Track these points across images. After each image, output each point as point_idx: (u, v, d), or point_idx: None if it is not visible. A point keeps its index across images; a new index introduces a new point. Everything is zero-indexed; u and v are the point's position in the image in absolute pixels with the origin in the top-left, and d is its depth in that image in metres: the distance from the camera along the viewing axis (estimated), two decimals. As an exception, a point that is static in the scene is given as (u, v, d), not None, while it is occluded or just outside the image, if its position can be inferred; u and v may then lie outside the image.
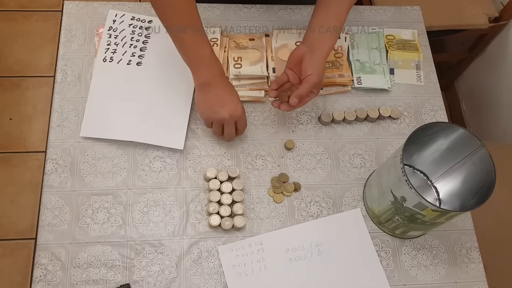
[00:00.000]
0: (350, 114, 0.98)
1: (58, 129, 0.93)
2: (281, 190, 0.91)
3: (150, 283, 0.82)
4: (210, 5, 1.08)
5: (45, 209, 0.86)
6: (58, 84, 0.97)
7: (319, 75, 0.85)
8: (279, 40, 1.05)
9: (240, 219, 0.86)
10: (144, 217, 0.87)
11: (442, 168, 0.89)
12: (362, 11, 1.13)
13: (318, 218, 0.89)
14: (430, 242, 0.90)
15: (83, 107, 0.94)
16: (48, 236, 0.84)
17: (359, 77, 1.02)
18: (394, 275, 0.86)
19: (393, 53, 1.06)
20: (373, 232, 0.89)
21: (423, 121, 1.01)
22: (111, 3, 1.06)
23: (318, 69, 0.85)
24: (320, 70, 0.85)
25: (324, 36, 0.86)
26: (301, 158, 0.95)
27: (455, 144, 0.83)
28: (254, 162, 0.93)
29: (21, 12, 2.03)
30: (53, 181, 0.88)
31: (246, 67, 1.00)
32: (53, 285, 0.81)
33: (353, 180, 0.94)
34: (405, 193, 0.75)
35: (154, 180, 0.90)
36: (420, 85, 1.05)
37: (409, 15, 1.13)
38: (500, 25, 1.59)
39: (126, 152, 0.92)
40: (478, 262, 0.89)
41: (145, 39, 1.01)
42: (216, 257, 0.85)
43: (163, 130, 0.93)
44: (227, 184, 0.88)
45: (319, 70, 0.85)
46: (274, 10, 1.10)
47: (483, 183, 0.77)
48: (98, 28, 1.02)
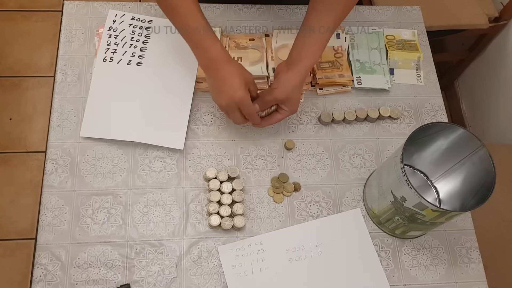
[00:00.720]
0: (350, 114, 0.98)
1: (58, 129, 0.93)
2: (281, 190, 0.91)
3: (150, 283, 0.82)
4: (210, 5, 1.08)
5: (45, 209, 0.86)
6: (58, 84, 0.97)
7: (286, 91, 0.84)
8: (279, 40, 1.05)
9: (240, 219, 0.86)
10: (144, 217, 0.87)
11: (442, 168, 0.89)
12: (362, 11, 1.13)
13: (318, 218, 0.90)
14: (430, 242, 0.90)
15: (83, 107, 0.94)
16: (48, 236, 0.84)
17: (359, 77, 1.02)
18: (394, 275, 0.86)
19: (393, 53, 1.06)
20: (373, 232, 0.89)
21: (423, 121, 1.01)
22: (111, 3, 1.06)
23: (286, 85, 0.84)
24: (288, 87, 0.84)
25: (303, 53, 0.85)
26: (301, 158, 0.95)
27: (455, 144, 0.83)
28: (254, 162, 0.93)
29: (21, 12, 2.03)
30: (53, 181, 0.88)
31: (246, 67, 0.99)
32: (53, 285, 0.81)
33: (353, 180, 0.94)
34: (405, 193, 0.75)
35: (154, 180, 0.90)
36: (420, 85, 1.05)
37: (409, 15, 1.13)
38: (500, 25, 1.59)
39: (126, 152, 0.92)
40: (478, 262, 0.89)
41: (145, 39, 1.01)
42: (216, 257, 0.85)
43: (163, 130, 0.93)
44: (227, 184, 0.88)
45: (287, 87, 0.84)
46: (274, 10, 1.10)
47: (483, 183, 0.77)
48: (98, 28, 1.02)
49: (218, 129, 0.96)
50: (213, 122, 0.96)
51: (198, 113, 0.97)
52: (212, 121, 0.96)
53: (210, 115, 0.97)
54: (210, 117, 0.97)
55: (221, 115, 0.97)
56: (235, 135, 0.95)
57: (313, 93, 1.02)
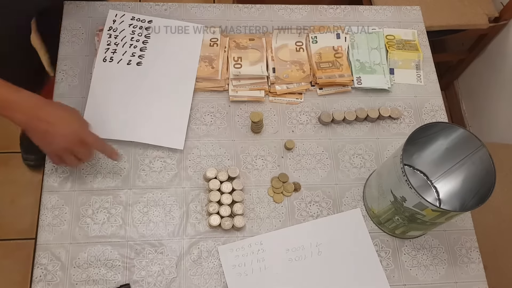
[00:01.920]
0: (350, 114, 0.98)
1: (58, 129, 0.92)
2: (281, 190, 0.91)
3: (150, 283, 0.82)
4: (210, 5, 1.08)
5: (45, 209, 0.86)
6: (58, 84, 0.97)
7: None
8: (279, 40, 1.05)
9: (240, 219, 0.86)
10: (144, 217, 0.87)
11: (442, 168, 0.89)
12: (362, 11, 1.13)
13: (318, 218, 0.89)
14: (430, 242, 0.90)
15: (83, 107, 0.94)
16: (48, 236, 0.84)
17: (359, 77, 1.02)
18: (394, 275, 0.86)
19: (393, 53, 1.06)
20: (373, 232, 0.89)
21: (423, 121, 1.01)
22: (112, 3, 1.06)
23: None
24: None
25: None
26: (301, 158, 0.95)
27: (455, 144, 0.83)
28: (254, 162, 0.93)
29: (21, 12, 2.03)
30: (53, 181, 0.88)
31: (246, 67, 1.00)
32: (53, 285, 0.81)
33: (353, 180, 0.94)
34: (405, 193, 0.75)
35: (154, 180, 0.90)
36: (420, 85, 1.05)
37: (409, 15, 1.13)
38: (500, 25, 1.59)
39: (126, 152, 0.92)
40: (478, 262, 0.89)
41: (145, 39, 1.01)
42: (216, 257, 0.85)
43: (163, 130, 0.93)
44: (227, 184, 0.88)
45: None
46: (274, 10, 1.10)
47: (483, 183, 0.77)
48: (98, 28, 1.02)
49: (218, 129, 0.96)
50: (213, 122, 0.96)
51: (198, 113, 0.97)
52: (212, 121, 0.96)
53: (210, 115, 0.97)
54: (210, 117, 0.97)
55: (221, 115, 0.97)
56: (235, 135, 0.96)
57: (313, 93, 1.01)
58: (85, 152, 0.80)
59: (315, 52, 1.04)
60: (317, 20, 1.10)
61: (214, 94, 0.99)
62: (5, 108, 0.73)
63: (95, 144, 0.81)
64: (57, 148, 0.78)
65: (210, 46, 1.02)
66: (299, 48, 1.05)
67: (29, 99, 0.75)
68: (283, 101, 1.00)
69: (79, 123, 0.79)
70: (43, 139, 0.77)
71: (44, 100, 0.76)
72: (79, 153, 0.79)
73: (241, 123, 0.97)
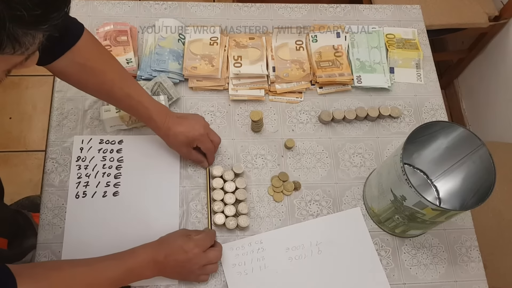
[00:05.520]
0: (350, 113, 0.98)
1: (58, 128, 0.93)
2: (281, 189, 0.91)
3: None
4: (210, 4, 1.08)
5: (45, 208, 0.86)
6: (58, 83, 0.97)
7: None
8: (279, 39, 1.05)
9: (244, 219, 0.85)
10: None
11: (442, 167, 0.89)
12: (362, 10, 1.13)
13: (318, 217, 0.90)
14: (430, 241, 0.90)
15: (83, 105, 0.94)
16: (48, 235, 0.84)
17: (359, 76, 1.02)
18: (394, 274, 0.86)
19: (393, 52, 1.06)
20: (373, 231, 0.89)
21: (423, 120, 1.01)
22: (111, 2, 1.06)
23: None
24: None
25: None
26: (301, 157, 0.95)
27: (455, 143, 0.83)
28: (254, 161, 0.93)
29: (21, 11, 2.03)
30: (53, 180, 0.88)
31: (246, 66, 1.00)
32: (53, 284, 0.81)
33: (353, 179, 0.94)
34: (405, 192, 0.75)
35: (154, 179, 0.90)
36: (420, 84, 1.05)
37: (409, 14, 1.13)
38: (500, 24, 1.58)
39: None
40: (478, 261, 0.89)
41: (118, 164, 0.90)
42: (216, 256, 0.85)
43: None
44: (230, 183, 0.88)
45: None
46: (274, 9, 1.10)
47: (483, 182, 0.77)
48: (98, 28, 1.02)
49: (218, 128, 0.96)
50: (213, 121, 0.96)
51: (198, 112, 0.97)
52: (212, 120, 0.96)
53: (210, 114, 0.97)
54: (210, 116, 0.97)
55: (221, 114, 0.97)
56: (235, 134, 0.95)
57: (313, 92, 1.01)
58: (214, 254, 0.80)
59: (315, 51, 1.04)
60: (317, 19, 1.10)
61: (214, 93, 0.99)
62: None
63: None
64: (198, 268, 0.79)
65: (210, 45, 1.02)
66: (299, 47, 1.05)
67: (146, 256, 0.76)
68: (283, 100, 1.00)
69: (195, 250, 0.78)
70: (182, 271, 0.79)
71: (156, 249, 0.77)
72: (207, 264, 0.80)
73: (241, 122, 0.97)
